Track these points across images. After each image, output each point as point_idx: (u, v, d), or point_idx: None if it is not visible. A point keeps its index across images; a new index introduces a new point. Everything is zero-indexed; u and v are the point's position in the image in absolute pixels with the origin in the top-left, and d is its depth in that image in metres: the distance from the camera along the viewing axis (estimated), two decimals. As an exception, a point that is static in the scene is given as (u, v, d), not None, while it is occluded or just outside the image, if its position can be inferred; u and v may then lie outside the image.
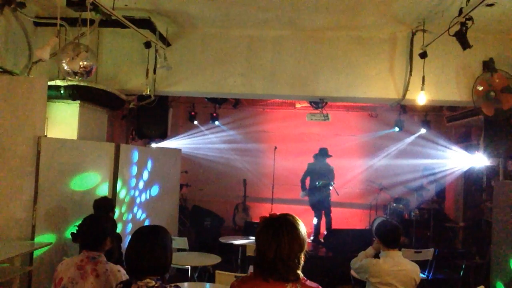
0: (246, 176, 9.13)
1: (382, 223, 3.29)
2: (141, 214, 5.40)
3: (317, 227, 7.61)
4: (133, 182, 5.14)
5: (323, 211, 7.69)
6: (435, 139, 8.01)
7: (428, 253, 5.01)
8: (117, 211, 4.58)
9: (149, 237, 2.07)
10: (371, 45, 5.26)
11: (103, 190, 4.61)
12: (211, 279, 4.43)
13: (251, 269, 4.30)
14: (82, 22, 3.97)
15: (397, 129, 8.30)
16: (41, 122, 4.10)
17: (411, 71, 5.05)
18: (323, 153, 7.73)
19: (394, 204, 8.15)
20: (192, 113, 9.14)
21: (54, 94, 4.84)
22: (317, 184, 7.80)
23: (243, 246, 5.51)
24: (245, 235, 6.77)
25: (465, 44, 3.97)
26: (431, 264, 5.08)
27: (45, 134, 4.47)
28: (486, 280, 4.88)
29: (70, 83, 4.81)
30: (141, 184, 5.35)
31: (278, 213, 1.88)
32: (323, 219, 7.67)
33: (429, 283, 5.14)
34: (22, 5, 4.23)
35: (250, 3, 4.52)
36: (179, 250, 5.07)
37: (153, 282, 1.99)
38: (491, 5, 4.14)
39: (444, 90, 5.12)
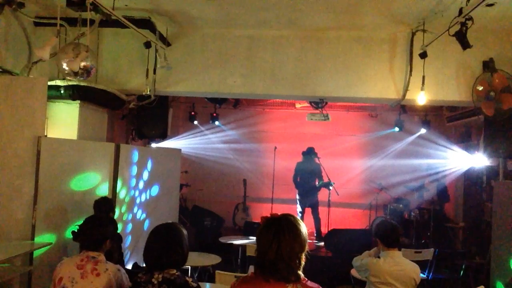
0: (246, 176, 9.13)
1: (382, 223, 3.29)
2: (141, 214, 5.40)
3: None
4: (133, 182, 5.14)
5: (308, 209, 7.85)
6: (435, 139, 8.01)
7: (428, 253, 5.01)
8: (117, 211, 4.58)
9: (165, 236, 2.23)
10: (371, 45, 5.26)
11: (103, 190, 4.60)
12: (211, 279, 4.43)
13: (251, 269, 4.30)
14: (82, 22, 3.97)
15: (397, 129, 8.30)
16: (41, 122, 4.09)
17: (411, 71, 5.05)
18: (309, 151, 7.89)
19: (394, 204, 8.15)
20: (192, 113, 9.14)
21: (54, 94, 4.83)
22: (317, 185, 7.83)
23: (243, 246, 5.51)
24: (245, 235, 6.78)
25: (465, 44, 3.97)
26: (431, 264, 5.07)
27: (45, 134, 4.46)
28: (486, 280, 4.88)
29: (70, 83, 4.81)
30: (141, 184, 5.34)
31: (279, 213, 1.88)
32: (311, 218, 7.77)
33: (429, 283, 5.14)
34: (22, 5, 4.23)
35: (250, 3, 4.52)
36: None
37: (174, 271, 2.17)
38: (491, 5, 4.15)
39: (444, 90, 5.12)
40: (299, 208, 7.93)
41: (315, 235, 7.81)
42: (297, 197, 7.96)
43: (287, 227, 1.78)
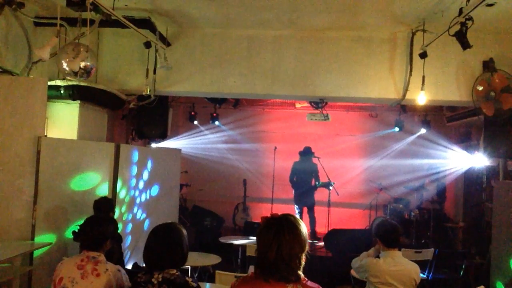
0: (246, 176, 9.12)
1: (382, 223, 3.28)
2: (141, 214, 5.40)
3: None
4: (133, 182, 5.14)
5: (304, 208, 7.87)
6: (435, 139, 8.01)
7: (428, 253, 5.01)
8: (117, 211, 4.58)
9: (165, 236, 2.23)
10: (371, 45, 5.26)
11: (103, 190, 4.60)
12: (211, 279, 4.43)
13: (251, 269, 4.30)
14: (82, 22, 3.96)
15: (397, 129, 8.30)
16: (41, 122, 4.10)
17: (411, 71, 5.05)
18: (306, 151, 7.88)
19: (394, 204, 8.15)
20: (192, 113, 9.13)
21: (54, 94, 4.84)
22: (317, 184, 7.83)
23: (243, 246, 5.51)
24: (245, 235, 6.78)
25: (465, 44, 3.97)
26: (431, 264, 5.07)
27: (45, 134, 4.47)
28: (486, 280, 4.88)
29: (70, 83, 4.81)
30: (141, 184, 5.34)
31: (279, 213, 1.88)
32: (307, 218, 7.78)
33: (429, 283, 5.14)
34: (22, 5, 4.22)
35: (250, 3, 4.52)
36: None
37: (174, 271, 2.17)
38: (491, 5, 4.15)
39: (444, 90, 5.12)
40: (296, 208, 7.94)
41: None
42: (294, 197, 7.97)
43: (288, 227, 1.78)
